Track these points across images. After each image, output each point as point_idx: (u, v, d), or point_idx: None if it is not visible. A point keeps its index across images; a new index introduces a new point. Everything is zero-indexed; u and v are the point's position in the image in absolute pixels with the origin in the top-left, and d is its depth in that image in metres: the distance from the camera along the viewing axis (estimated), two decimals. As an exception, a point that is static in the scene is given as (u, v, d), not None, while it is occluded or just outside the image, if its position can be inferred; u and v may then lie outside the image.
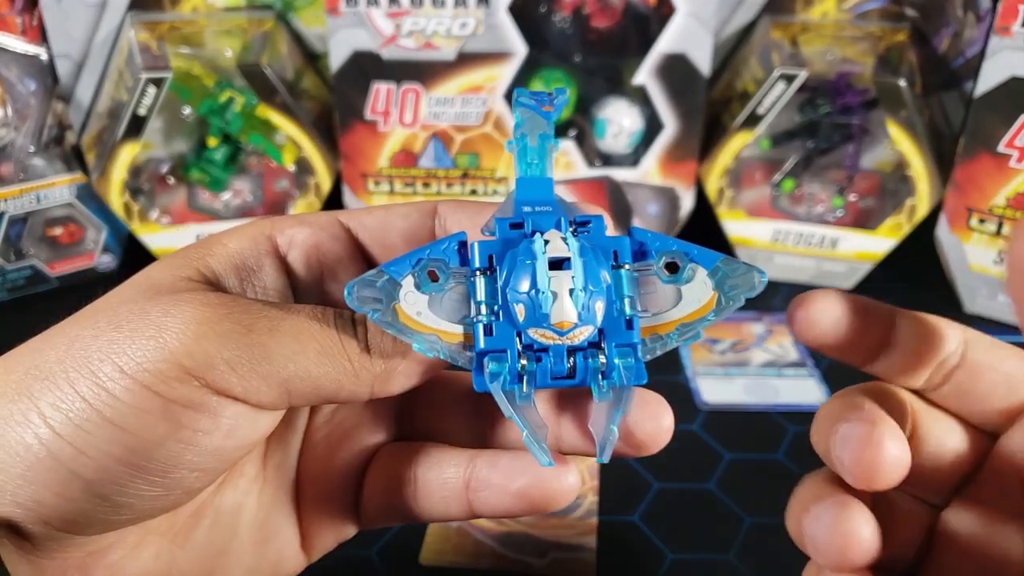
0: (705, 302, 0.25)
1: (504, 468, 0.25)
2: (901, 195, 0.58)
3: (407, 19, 0.55)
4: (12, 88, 0.54)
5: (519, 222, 0.24)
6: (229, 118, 0.57)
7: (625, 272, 0.24)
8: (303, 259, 0.26)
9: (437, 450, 0.27)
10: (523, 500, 0.25)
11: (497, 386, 0.23)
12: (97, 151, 0.57)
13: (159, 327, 0.21)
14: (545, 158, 0.25)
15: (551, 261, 0.23)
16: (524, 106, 0.25)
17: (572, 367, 0.24)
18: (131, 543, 0.24)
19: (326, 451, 0.28)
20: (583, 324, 0.23)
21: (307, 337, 0.22)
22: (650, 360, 0.25)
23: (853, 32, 0.60)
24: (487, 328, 0.23)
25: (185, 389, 0.21)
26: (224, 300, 0.22)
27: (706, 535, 0.39)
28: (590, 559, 0.38)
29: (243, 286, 0.25)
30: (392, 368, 0.24)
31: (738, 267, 0.25)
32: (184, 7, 0.58)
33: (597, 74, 0.58)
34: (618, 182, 0.60)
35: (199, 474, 0.22)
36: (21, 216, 0.56)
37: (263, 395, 0.22)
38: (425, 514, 0.27)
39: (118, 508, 0.22)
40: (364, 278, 0.23)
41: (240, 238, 0.25)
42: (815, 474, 0.25)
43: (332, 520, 0.28)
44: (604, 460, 0.24)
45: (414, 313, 0.23)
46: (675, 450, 0.45)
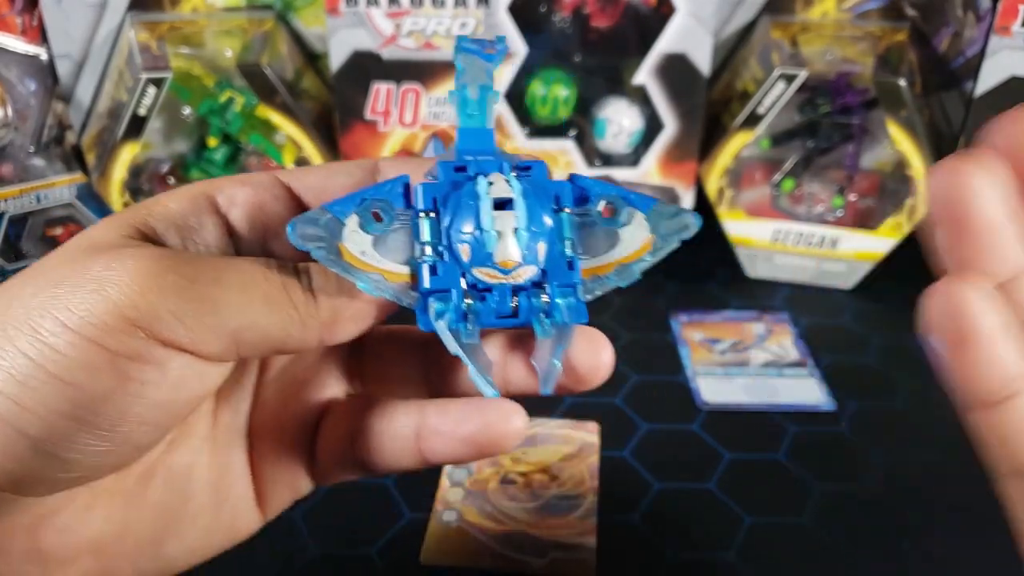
0: (642, 244, 0.26)
1: (453, 414, 0.25)
2: (901, 195, 0.58)
3: (407, 19, 0.55)
4: (12, 88, 0.54)
5: (462, 166, 0.24)
6: (229, 118, 0.57)
7: (566, 215, 0.25)
8: (245, 218, 0.26)
9: (388, 402, 0.27)
10: (471, 445, 0.25)
11: (443, 324, 0.23)
12: (97, 151, 0.57)
13: (101, 281, 0.21)
14: (486, 109, 0.25)
15: (495, 202, 0.23)
16: (467, 51, 0.25)
17: (516, 306, 0.24)
18: (81, 504, 0.24)
19: (278, 407, 0.28)
20: (526, 264, 0.24)
21: (252, 286, 0.22)
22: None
23: (853, 32, 0.60)
24: (432, 268, 0.24)
25: (131, 341, 0.21)
26: (167, 253, 0.22)
27: (706, 535, 0.39)
28: (590, 559, 0.38)
29: (184, 244, 0.25)
30: (339, 313, 0.24)
31: (671, 210, 0.26)
32: (184, 7, 0.58)
33: (597, 74, 0.58)
34: (618, 182, 0.60)
35: (147, 428, 0.22)
36: (21, 216, 0.56)
37: (211, 346, 0.22)
38: (379, 465, 0.27)
39: (66, 465, 0.21)
40: (307, 215, 0.23)
41: (180, 198, 0.25)
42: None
43: (287, 476, 0.28)
44: (547, 391, 0.24)
45: (358, 252, 0.23)
46: (675, 450, 0.45)
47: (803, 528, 0.40)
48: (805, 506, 0.41)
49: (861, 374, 0.51)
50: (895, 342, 0.55)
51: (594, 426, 0.46)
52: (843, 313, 0.59)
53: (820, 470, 0.43)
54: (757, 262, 0.62)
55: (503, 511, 0.41)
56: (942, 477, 0.43)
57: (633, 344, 0.54)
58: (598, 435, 0.45)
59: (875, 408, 0.48)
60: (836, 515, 0.41)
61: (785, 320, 0.57)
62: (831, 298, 0.61)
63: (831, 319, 0.58)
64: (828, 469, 0.43)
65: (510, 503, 0.41)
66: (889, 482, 0.43)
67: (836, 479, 0.43)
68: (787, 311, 0.58)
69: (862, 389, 0.50)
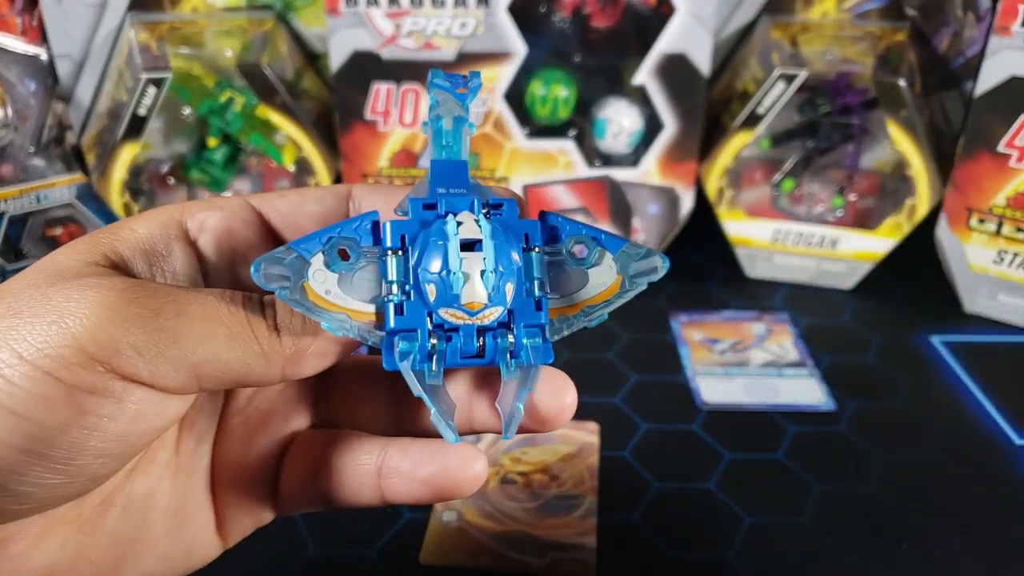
0: (610, 285, 0.25)
1: (414, 456, 0.25)
2: (901, 195, 0.58)
3: (407, 19, 0.55)
4: (12, 88, 0.54)
5: (432, 203, 0.24)
6: (229, 118, 0.57)
7: (536, 255, 0.25)
8: (214, 244, 0.26)
9: (352, 437, 0.27)
10: (430, 487, 0.25)
11: (407, 365, 0.23)
12: (97, 151, 0.57)
13: (61, 312, 0.21)
14: (460, 141, 0.25)
15: (463, 242, 0.23)
16: (439, 87, 0.25)
17: (482, 346, 0.24)
18: (35, 533, 0.24)
19: (243, 437, 0.28)
20: (493, 305, 0.24)
21: (215, 320, 0.22)
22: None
23: (853, 32, 0.60)
24: (398, 307, 0.23)
25: (88, 375, 0.21)
26: (130, 284, 0.22)
27: (706, 535, 0.39)
28: (590, 559, 0.38)
29: (152, 271, 0.25)
30: (302, 349, 0.23)
31: (640, 251, 0.25)
32: (184, 7, 0.58)
33: (597, 74, 0.58)
34: (618, 182, 0.60)
35: (104, 460, 0.22)
36: (21, 216, 0.56)
37: (171, 379, 0.22)
38: (339, 499, 0.27)
39: (18, 497, 0.21)
40: (272, 255, 0.22)
41: (149, 223, 0.25)
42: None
43: (249, 505, 0.28)
44: (509, 437, 0.24)
45: (323, 291, 0.23)
46: (675, 450, 0.45)
47: (803, 528, 0.40)
48: (805, 506, 0.41)
49: (861, 374, 0.51)
50: (895, 342, 0.55)
51: (594, 426, 0.46)
52: (843, 313, 0.59)
53: (820, 470, 0.43)
54: (757, 262, 0.62)
55: (503, 511, 0.41)
56: (942, 477, 0.43)
57: (633, 344, 0.54)
58: (598, 435, 0.45)
59: (875, 408, 0.48)
60: (836, 515, 0.41)
61: (785, 320, 0.57)
62: (831, 298, 0.61)
63: (831, 319, 0.58)
64: (828, 469, 0.43)
65: (510, 503, 0.41)
66: (889, 482, 0.43)
67: (836, 479, 0.43)
68: (787, 311, 0.58)
69: (862, 389, 0.50)
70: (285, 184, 0.61)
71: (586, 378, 0.53)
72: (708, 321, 0.57)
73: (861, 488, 0.42)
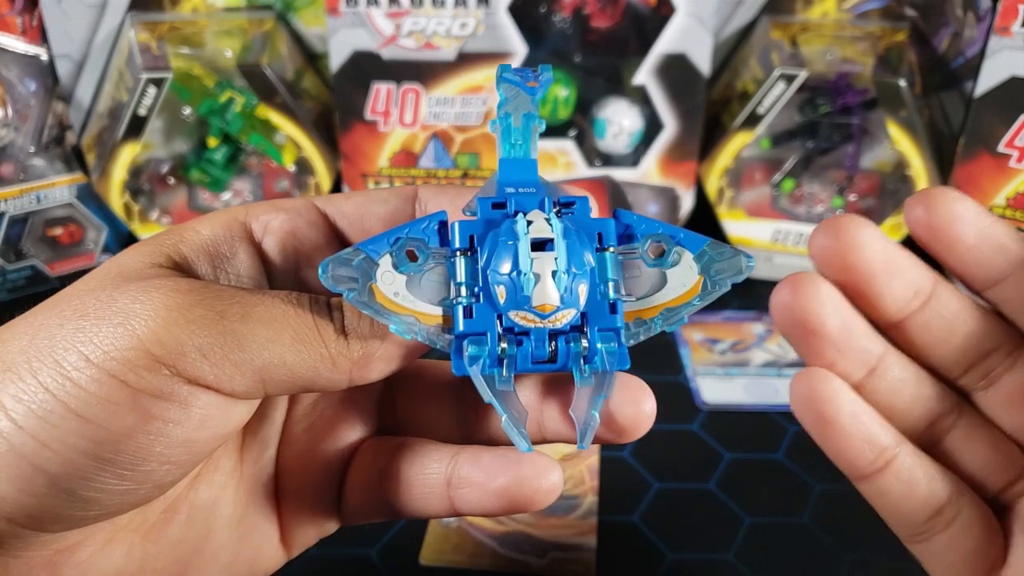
0: (691, 287, 0.24)
1: (485, 466, 0.24)
2: (901, 195, 0.58)
3: (407, 19, 0.55)
4: (12, 88, 0.54)
5: (501, 202, 0.23)
6: (229, 118, 0.57)
7: (610, 255, 0.24)
8: (278, 246, 0.25)
9: (420, 445, 0.26)
10: (503, 499, 0.24)
11: (476, 370, 0.23)
12: (97, 151, 0.57)
13: (127, 314, 0.21)
14: (530, 138, 0.24)
15: (534, 242, 0.23)
16: (509, 82, 0.24)
17: (554, 351, 0.23)
18: (101, 540, 0.23)
19: (307, 445, 0.27)
20: (565, 307, 0.23)
21: (281, 323, 0.22)
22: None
23: (853, 32, 0.60)
24: (467, 310, 0.23)
25: (154, 378, 0.20)
26: (195, 286, 0.22)
27: (706, 535, 0.39)
28: (590, 559, 0.38)
29: (216, 273, 0.24)
30: (370, 353, 0.23)
31: (725, 251, 0.24)
32: (184, 7, 0.58)
33: (597, 74, 0.58)
34: (618, 182, 0.60)
35: (170, 467, 0.22)
36: (21, 216, 0.56)
37: (236, 383, 0.21)
38: (407, 510, 0.26)
39: (85, 503, 0.21)
40: (339, 256, 0.22)
41: (213, 224, 0.25)
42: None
43: (313, 515, 0.27)
44: (584, 447, 0.23)
45: (391, 293, 0.22)
46: (675, 450, 0.45)
47: (803, 528, 0.40)
48: (805, 506, 0.41)
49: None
50: (895, 342, 0.55)
51: (594, 426, 0.46)
52: (843, 313, 0.59)
53: (820, 470, 0.43)
54: (757, 262, 0.62)
55: (503, 511, 0.41)
56: (942, 477, 0.43)
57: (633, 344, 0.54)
58: (598, 435, 0.45)
59: (875, 408, 0.48)
60: (836, 515, 0.41)
61: (785, 320, 0.57)
62: (831, 298, 0.60)
63: (831, 319, 0.58)
64: (828, 469, 0.43)
65: (510, 503, 0.41)
66: (889, 482, 0.43)
67: (836, 479, 0.43)
68: (787, 311, 0.58)
69: (862, 389, 0.50)
70: (285, 184, 0.61)
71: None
72: (708, 321, 0.57)
73: (861, 488, 0.42)
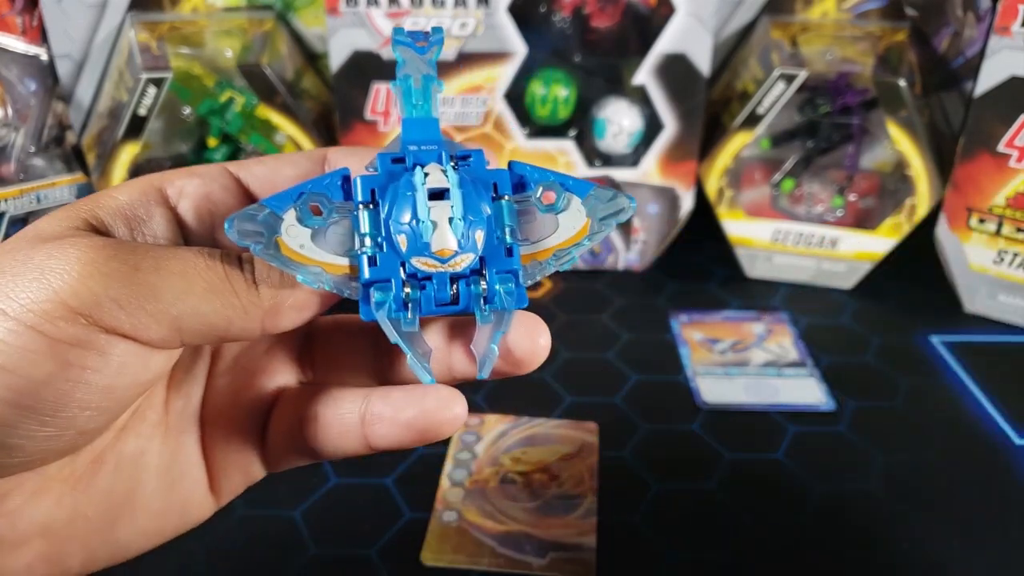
0: (579, 228, 0.26)
1: (395, 401, 0.26)
2: (901, 195, 0.58)
3: (407, 19, 0.55)
4: (12, 88, 0.54)
5: (400, 157, 0.25)
6: (229, 118, 0.57)
7: (505, 203, 0.25)
8: (193, 209, 0.26)
9: (336, 389, 0.27)
10: (412, 430, 0.25)
11: (383, 314, 0.24)
12: (97, 151, 0.57)
13: (43, 269, 0.22)
14: (430, 99, 0.26)
15: (431, 192, 0.24)
16: (401, 44, 0.26)
17: (455, 294, 0.25)
18: (30, 489, 0.24)
19: (230, 395, 0.29)
20: (464, 252, 0.24)
21: (194, 274, 0.23)
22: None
23: (853, 32, 0.60)
24: (371, 259, 0.24)
25: (71, 328, 0.21)
26: (110, 242, 0.23)
27: (706, 535, 0.39)
28: (590, 559, 0.38)
29: (133, 235, 0.25)
30: (281, 302, 0.24)
31: (608, 193, 0.26)
32: (184, 7, 0.58)
33: (597, 74, 0.58)
34: (618, 182, 0.60)
35: (91, 413, 0.22)
36: (21, 216, 0.56)
37: (153, 332, 0.22)
38: (326, 450, 0.27)
39: (9, 450, 0.22)
40: (245, 211, 0.23)
41: (130, 190, 0.26)
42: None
43: (239, 462, 0.29)
44: (484, 376, 0.25)
45: (296, 246, 0.24)
46: (675, 450, 0.45)
47: (803, 528, 0.40)
48: (805, 506, 0.41)
49: (861, 374, 0.52)
50: (895, 342, 0.55)
51: (594, 426, 0.46)
52: (843, 313, 0.59)
53: (820, 470, 0.43)
54: (757, 262, 0.62)
55: (503, 511, 0.41)
56: (942, 477, 0.43)
57: (633, 344, 0.54)
58: (598, 435, 0.45)
59: (875, 408, 0.48)
60: (836, 515, 0.41)
61: (785, 320, 0.57)
62: (831, 298, 0.61)
63: (831, 319, 0.58)
64: (828, 469, 0.43)
65: (510, 503, 0.41)
66: (888, 482, 0.43)
67: (836, 479, 0.43)
68: (787, 311, 0.58)
69: (862, 389, 0.50)
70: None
71: (586, 378, 0.53)
72: (708, 321, 0.57)
73: (861, 488, 0.42)
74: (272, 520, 0.29)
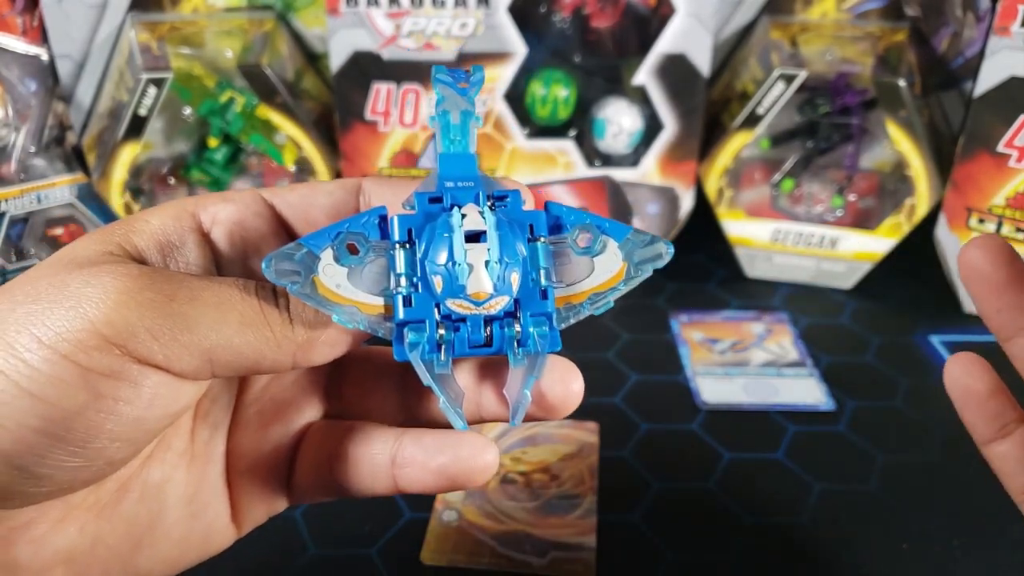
0: (616, 272, 0.26)
1: (427, 445, 0.26)
2: (901, 195, 0.58)
3: (407, 19, 0.55)
4: (13, 88, 0.54)
5: (438, 196, 0.25)
6: (229, 118, 0.57)
7: (541, 244, 0.25)
8: (226, 236, 0.26)
9: (367, 427, 0.27)
10: (443, 477, 0.25)
11: (416, 355, 0.24)
12: (98, 151, 0.57)
13: (79, 297, 0.21)
14: (467, 134, 0.26)
15: (468, 234, 0.24)
16: (442, 83, 0.26)
17: (489, 336, 0.24)
18: (54, 517, 0.24)
19: (257, 427, 0.28)
20: (499, 295, 0.24)
21: (228, 306, 0.23)
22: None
23: (852, 32, 0.60)
24: (406, 299, 0.24)
25: (105, 358, 0.21)
26: (145, 271, 0.22)
27: (706, 535, 0.39)
28: (590, 559, 0.38)
29: (166, 262, 0.25)
30: (314, 338, 0.24)
31: (645, 238, 0.26)
32: (184, 7, 0.58)
33: (597, 74, 0.58)
34: (618, 182, 0.60)
35: (120, 444, 0.22)
36: (22, 216, 0.57)
37: (185, 363, 0.22)
38: (354, 490, 0.27)
39: (38, 480, 0.22)
40: (282, 251, 0.23)
41: (163, 215, 0.26)
42: None
43: (263, 494, 0.28)
44: (516, 423, 0.24)
45: (333, 285, 0.24)
46: (675, 450, 0.45)
47: (803, 528, 0.40)
48: (804, 506, 0.41)
49: (861, 374, 0.52)
50: (895, 342, 0.55)
51: (594, 426, 0.46)
52: (842, 313, 0.59)
53: (820, 470, 0.43)
54: (756, 262, 0.63)
55: (503, 511, 0.41)
56: (942, 477, 0.43)
57: (633, 344, 0.54)
58: (598, 435, 0.45)
59: (874, 408, 0.48)
60: (835, 515, 0.41)
61: (784, 320, 0.57)
62: (830, 298, 0.61)
63: (830, 319, 0.58)
64: (828, 469, 0.43)
65: (510, 503, 0.41)
66: (888, 482, 0.43)
67: (835, 479, 0.43)
68: (786, 311, 0.58)
69: (862, 389, 0.50)
70: (286, 184, 0.61)
71: (586, 378, 0.53)
72: (708, 321, 0.57)
73: (861, 488, 0.42)
74: (272, 520, 0.29)
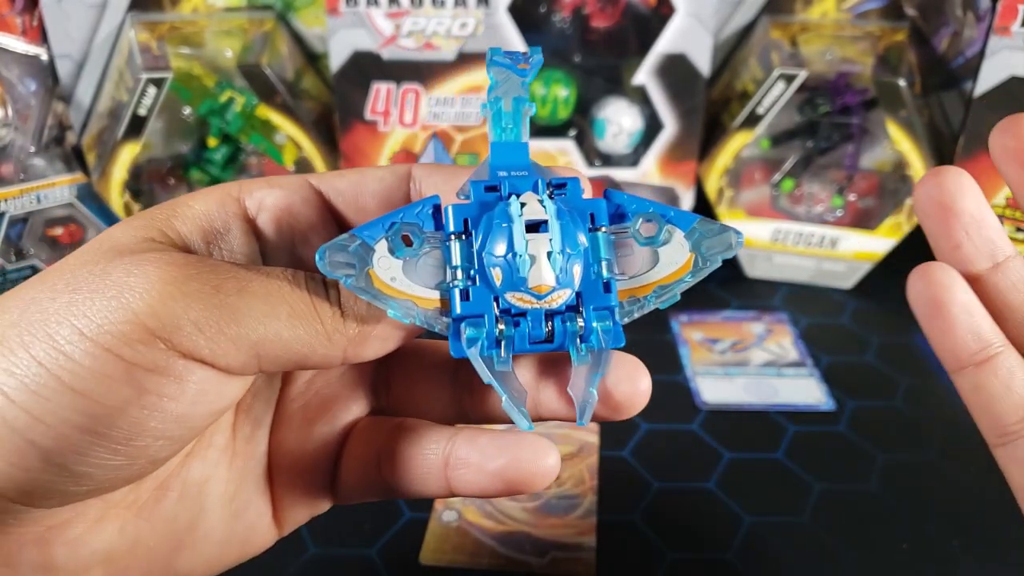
0: (682, 264, 0.24)
1: (483, 447, 0.24)
2: (901, 195, 0.58)
3: (407, 19, 0.55)
4: (12, 88, 0.54)
5: (494, 185, 0.24)
6: (229, 118, 0.57)
7: (602, 235, 0.24)
8: (273, 222, 0.25)
9: (418, 425, 0.26)
10: (500, 480, 0.24)
11: (475, 352, 0.23)
12: (97, 151, 0.57)
13: (121, 287, 0.20)
14: (520, 122, 0.25)
15: (528, 224, 0.23)
16: (499, 65, 0.24)
17: (550, 331, 0.23)
18: (93, 517, 0.23)
19: (301, 424, 0.27)
20: (561, 287, 0.23)
21: (277, 298, 0.22)
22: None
23: (852, 32, 0.60)
24: (464, 293, 0.23)
25: (149, 352, 0.20)
26: (190, 260, 0.21)
27: (706, 535, 0.39)
28: (590, 559, 0.38)
29: (209, 249, 0.24)
30: (366, 332, 0.23)
31: (714, 227, 0.24)
32: (184, 7, 0.58)
33: (597, 74, 0.58)
34: (618, 182, 0.60)
35: (164, 442, 0.21)
36: (21, 216, 0.56)
37: (232, 358, 0.21)
38: (403, 490, 0.26)
39: (78, 478, 0.21)
40: (336, 242, 0.22)
41: (207, 200, 0.24)
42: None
43: (306, 494, 0.27)
44: (583, 423, 0.23)
45: (388, 278, 0.22)
46: (675, 450, 0.45)
47: (803, 528, 0.40)
48: (805, 506, 0.41)
49: (861, 374, 0.52)
50: (895, 342, 0.55)
51: (594, 426, 0.46)
52: (843, 313, 0.59)
53: (819, 470, 0.43)
54: (757, 262, 0.62)
55: (503, 511, 0.41)
56: (941, 477, 0.43)
57: (633, 344, 0.54)
58: (598, 435, 0.45)
59: (874, 408, 0.48)
60: (836, 515, 0.41)
61: (785, 320, 0.57)
62: (830, 298, 0.61)
63: (831, 319, 0.58)
64: (827, 469, 0.43)
65: (510, 503, 0.41)
66: (888, 482, 0.43)
67: (835, 479, 0.43)
68: (787, 311, 0.58)
69: (862, 389, 0.50)
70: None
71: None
72: (708, 321, 0.57)
73: (861, 488, 0.42)
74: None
